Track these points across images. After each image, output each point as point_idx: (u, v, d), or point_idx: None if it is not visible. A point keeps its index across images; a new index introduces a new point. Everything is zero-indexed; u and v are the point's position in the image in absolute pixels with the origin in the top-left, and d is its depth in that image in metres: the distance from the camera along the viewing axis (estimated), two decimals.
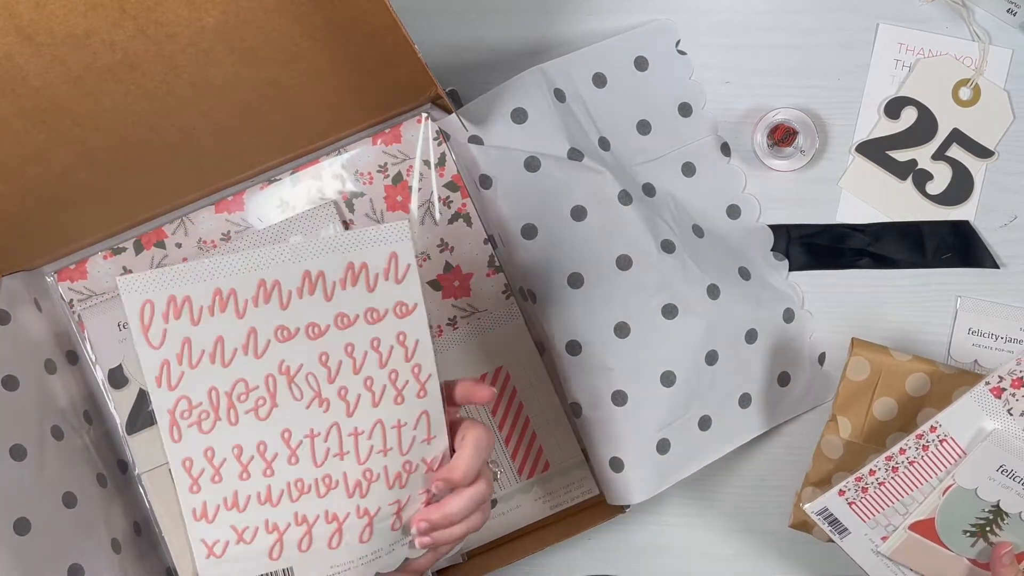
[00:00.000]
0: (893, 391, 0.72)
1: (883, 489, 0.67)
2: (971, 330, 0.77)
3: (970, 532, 0.66)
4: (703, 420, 0.72)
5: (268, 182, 0.72)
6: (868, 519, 0.68)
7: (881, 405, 0.73)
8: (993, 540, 0.66)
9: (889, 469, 0.67)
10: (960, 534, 0.66)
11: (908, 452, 0.66)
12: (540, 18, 0.78)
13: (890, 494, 0.67)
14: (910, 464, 0.66)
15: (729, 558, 0.78)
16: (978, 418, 0.65)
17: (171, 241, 0.71)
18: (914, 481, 0.67)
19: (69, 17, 0.53)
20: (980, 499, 0.65)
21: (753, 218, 0.77)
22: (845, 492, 0.68)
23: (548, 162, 0.70)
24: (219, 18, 0.57)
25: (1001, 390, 0.65)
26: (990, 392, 0.65)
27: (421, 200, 0.72)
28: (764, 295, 0.75)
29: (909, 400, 0.72)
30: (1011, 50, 0.77)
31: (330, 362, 0.54)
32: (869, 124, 0.78)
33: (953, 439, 0.66)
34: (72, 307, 0.71)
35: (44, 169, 0.63)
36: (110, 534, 0.67)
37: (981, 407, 0.65)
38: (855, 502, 0.68)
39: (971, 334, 0.77)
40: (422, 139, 0.72)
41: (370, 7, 0.58)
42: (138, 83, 0.59)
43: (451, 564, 0.73)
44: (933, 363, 0.72)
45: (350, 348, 0.54)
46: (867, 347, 0.73)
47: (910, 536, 0.67)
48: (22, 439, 0.64)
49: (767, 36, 0.78)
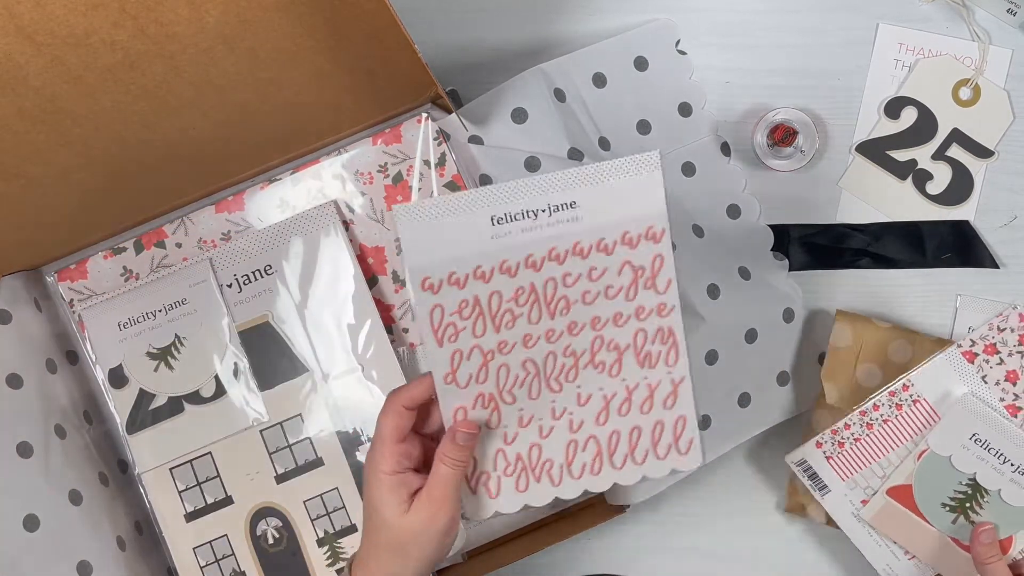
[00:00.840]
0: (876, 358, 0.74)
1: (859, 446, 0.69)
2: (971, 329, 0.77)
3: (949, 506, 0.67)
4: (703, 419, 0.72)
5: (268, 182, 0.72)
6: (847, 478, 0.69)
7: (864, 371, 0.74)
8: (974, 519, 0.66)
9: (864, 425, 0.69)
10: (939, 507, 0.67)
11: (881, 409, 0.68)
12: (540, 18, 0.78)
13: (866, 453, 0.69)
14: (884, 423, 0.68)
15: (729, 558, 0.78)
16: (950, 381, 0.67)
17: (171, 241, 0.71)
18: (889, 442, 0.68)
19: (69, 17, 0.53)
20: (956, 469, 0.66)
21: (753, 218, 0.77)
22: (822, 445, 0.70)
23: (548, 162, 0.70)
24: (219, 18, 0.57)
25: (974, 355, 0.66)
26: (962, 355, 0.66)
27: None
28: (764, 295, 0.75)
29: (892, 366, 0.73)
30: (1011, 50, 0.77)
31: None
32: (869, 124, 0.78)
33: (926, 400, 0.67)
34: (72, 307, 0.71)
35: (44, 169, 0.63)
36: (115, 532, 0.68)
37: (954, 369, 0.66)
38: (832, 457, 0.70)
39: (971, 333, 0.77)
40: (422, 139, 0.71)
41: (370, 7, 0.58)
42: (138, 83, 0.59)
43: (451, 564, 0.73)
44: (914, 331, 0.74)
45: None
46: (849, 316, 0.74)
47: (889, 503, 0.68)
48: (28, 437, 0.65)
49: (767, 36, 0.78)
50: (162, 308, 0.70)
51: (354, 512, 0.69)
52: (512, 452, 0.58)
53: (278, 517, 0.69)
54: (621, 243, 0.56)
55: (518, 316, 0.57)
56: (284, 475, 0.69)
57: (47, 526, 0.63)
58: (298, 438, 0.70)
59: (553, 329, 0.57)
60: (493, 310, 0.56)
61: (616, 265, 0.56)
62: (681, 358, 0.57)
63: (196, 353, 0.70)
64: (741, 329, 0.73)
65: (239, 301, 0.70)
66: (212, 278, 0.70)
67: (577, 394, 0.57)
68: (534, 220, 0.55)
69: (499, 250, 0.56)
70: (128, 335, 0.70)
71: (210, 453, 0.70)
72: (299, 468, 0.69)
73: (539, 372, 0.57)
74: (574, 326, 0.57)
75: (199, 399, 0.70)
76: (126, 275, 0.71)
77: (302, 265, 0.70)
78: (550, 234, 0.56)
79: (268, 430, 0.70)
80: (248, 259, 0.70)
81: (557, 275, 0.56)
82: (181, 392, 0.70)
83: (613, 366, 0.57)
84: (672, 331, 0.57)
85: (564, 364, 0.57)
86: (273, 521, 0.69)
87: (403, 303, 0.72)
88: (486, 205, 0.55)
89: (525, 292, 0.56)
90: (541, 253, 0.56)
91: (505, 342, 0.57)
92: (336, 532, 0.69)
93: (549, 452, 0.58)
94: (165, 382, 0.70)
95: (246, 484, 0.69)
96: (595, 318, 0.57)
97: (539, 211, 0.55)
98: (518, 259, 0.56)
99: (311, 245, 0.70)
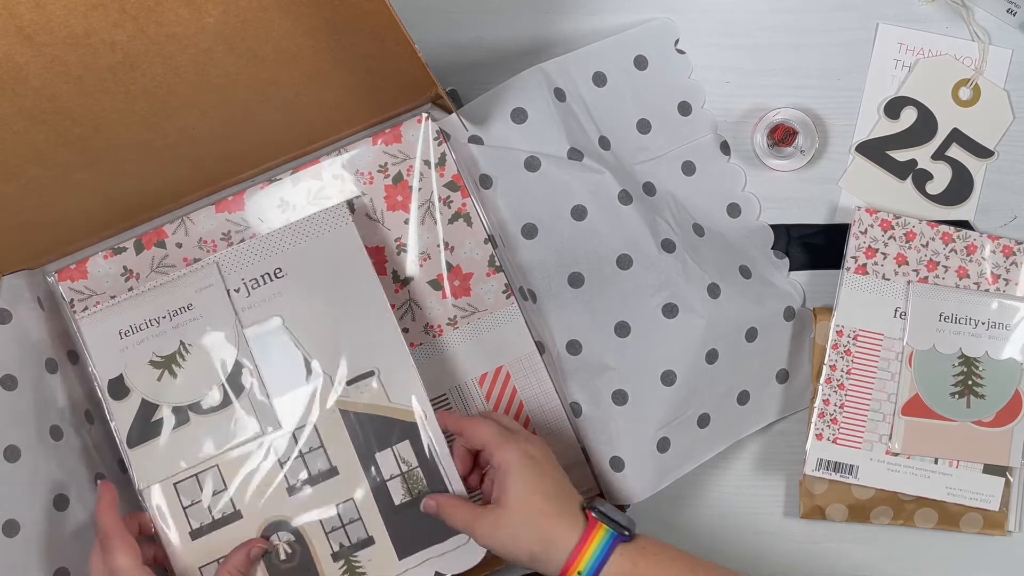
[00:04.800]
0: None
1: (848, 411, 0.73)
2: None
3: (956, 392, 0.71)
4: (702, 418, 0.72)
5: (268, 182, 0.72)
6: (860, 445, 0.72)
7: None
8: (982, 392, 0.71)
9: (835, 389, 0.73)
10: (949, 399, 0.72)
11: (838, 366, 0.73)
12: (540, 18, 0.78)
13: (857, 411, 0.72)
14: (849, 374, 0.72)
15: (729, 557, 0.78)
16: (863, 299, 0.73)
17: (171, 241, 0.71)
18: (865, 385, 0.72)
19: (69, 17, 0.53)
20: (943, 354, 0.72)
21: (753, 216, 0.77)
22: (822, 435, 0.73)
23: (548, 162, 0.70)
24: (219, 18, 0.57)
25: (862, 266, 0.73)
26: (856, 274, 0.73)
27: (421, 200, 0.72)
28: (765, 293, 0.75)
29: None
30: (1011, 50, 0.77)
31: None
32: (869, 124, 0.78)
33: (862, 329, 0.72)
34: (72, 306, 0.71)
35: (44, 169, 0.63)
36: None
37: (858, 289, 0.73)
38: (837, 438, 0.73)
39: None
40: (422, 139, 0.71)
41: (370, 7, 0.58)
42: (138, 83, 0.59)
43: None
44: None
45: None
46: (828, 312, 0.75)
47: (908, 422, 0.72)
48: (17, 440, 0.64)
49: (767, 36, 0.78)
50: (166, 314, 0.68)
51: (371, 524, 0.66)
52: None
53: (290, 531, 0.66)
54: None
55: None
56: (296, 486, 0.67)
57: (27, 532, 0.62)
58: (311, 447, 0.67)
59: None
60: None
61: None
62: None
63: (202, 360, 0.67)
64: (742, 328, 0.73)
65: (247, 306, 0.68)
66: (220, 282, 0.68)
67: None
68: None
69: None
70: (129, 344, 0.68)
71: (217, 466, 0.67)
72: (312, 479, 0.67)
73: None
74: None
75: (205, 409, 0.67)
76: (126, 275, 0.71)
77: (314, 267, 0.68)
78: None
79: (279, 439, 0.68)
80: (257, 262, 0.68)
81: None
82: (186, 402, 0.67)
83: None
84: None
85: None
86: (285, 535, 0.66)
87: (403, 303, 0.72)
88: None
89: None
90: None
91: None
92: (352, 545, 0.66)
93: None
94: (169, 392, 0.67)
95: (256, 497, 0.67)
96: None
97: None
98: None
99: (323, 247, 0.69)
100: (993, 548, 0.75)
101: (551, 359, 0.73)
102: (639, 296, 0.70)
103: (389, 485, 0.67)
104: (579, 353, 0.71)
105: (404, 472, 0.67)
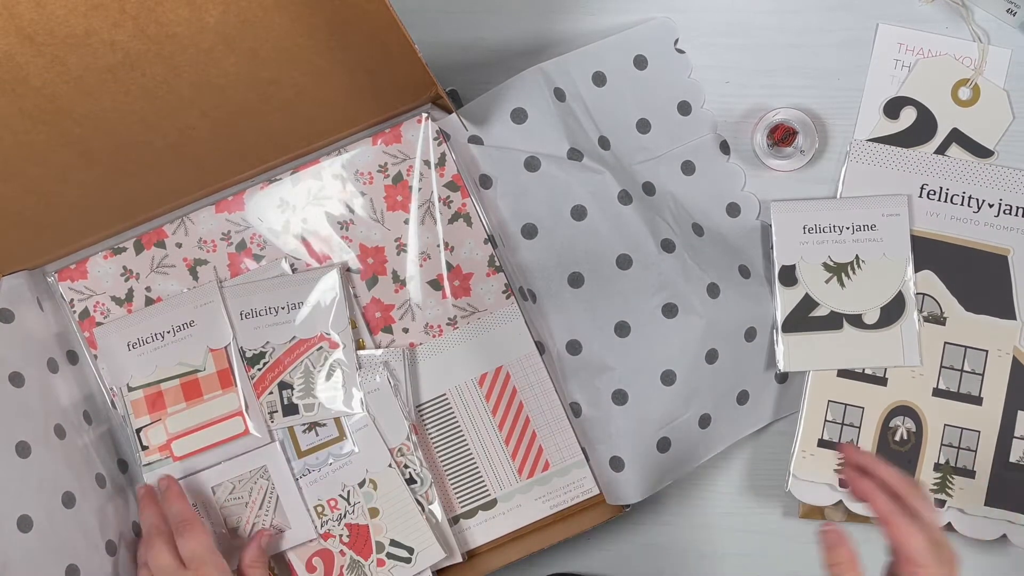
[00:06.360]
0: None
1: None
2: None
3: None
4: (703, 418, 0.72)
5: (268, 182, 0.72)
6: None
7: None
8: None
9: None
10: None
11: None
12: (540, 18, 0.78)
13: None
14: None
15: (729, 557, 0.78)
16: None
17: (171, 241, 0.71)
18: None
19: (69, 17, 0.53)
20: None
21: (753, 216, 0.77)
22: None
23: (548, 162, 0.70)
24: (219, 18, 0.57)
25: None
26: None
27: (421, 200, 0.72)
28: (764, 293, 0.75)
29: None
30: (1010, 50, 0.77)
31: None
32: (869, 124, 0.78)
33: None
34: (72, 306, 0.71)
35: (44, 169, 0.63)
36: (105, 536, 0.67)
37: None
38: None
39: None
40: (422, 139, 0.72)
41: (370, 7, 0.58)
42: (138, 83, 0.59)
43: (451, 564, 0.73)
44: None
45: None
46: None
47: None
48: (27, 436, 0.64)
49: (767, 36, 0.78)
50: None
51: (980, 462, 0.73)
52: None
53: (914, 420, 0.74)
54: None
55: None
56: (943, 391, 0.74)
57: (40, 527, 0.62)
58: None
59: None
60: None
61: None
62: None
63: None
64: (741, 328, 0.73)
65: None
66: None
67: None
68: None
69: None
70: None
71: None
72: (958, 395, 0.73)
73: None
74: None
75: (864, 323, 0.74)
76: (126, 275, 0.71)
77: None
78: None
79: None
80: None
81: None
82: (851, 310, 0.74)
83: None
84: None
85: None
86: (908, 422, 0.74)
87: (403, 303, 0.72)
88: None
89: None
90: None
91: None
92: (955, 468, 0.73)
93: None
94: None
95: (906, 380, 0.74)
96: None
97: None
98: None
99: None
100: (993, 548, 0.75)
101: (551, 359, 0.73)
102: (639, 296, 0.70)
103: (1015, 442, 0.74)
104: (579, 353, 0.71)
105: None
